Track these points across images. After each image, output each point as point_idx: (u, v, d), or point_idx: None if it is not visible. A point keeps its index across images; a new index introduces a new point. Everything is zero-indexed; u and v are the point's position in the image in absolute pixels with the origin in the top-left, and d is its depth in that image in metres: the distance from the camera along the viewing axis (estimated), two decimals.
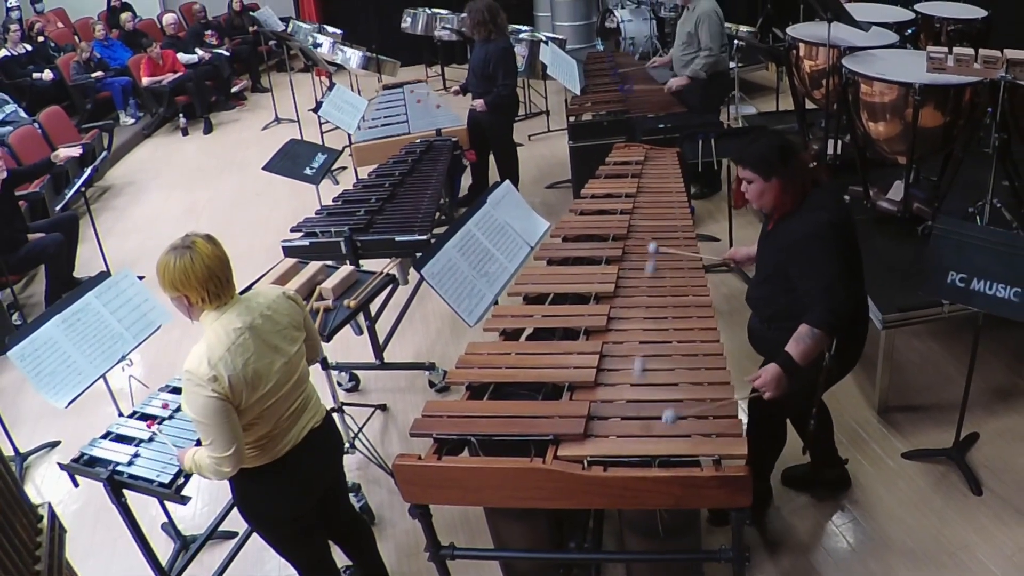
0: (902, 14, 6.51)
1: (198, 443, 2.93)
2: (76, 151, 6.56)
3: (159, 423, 3.50)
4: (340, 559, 3.55)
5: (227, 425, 2.72)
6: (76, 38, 12.14)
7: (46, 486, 4.79)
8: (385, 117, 7.50)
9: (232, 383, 2.70)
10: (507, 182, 4.55)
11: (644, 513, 3.05)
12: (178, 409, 3.55)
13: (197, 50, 11.82)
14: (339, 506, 3.45)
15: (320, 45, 10.24)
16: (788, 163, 3.23)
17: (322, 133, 9.18)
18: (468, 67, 7.13)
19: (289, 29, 11.36)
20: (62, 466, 3.39)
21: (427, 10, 11.40)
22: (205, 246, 2.75)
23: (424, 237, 4.78)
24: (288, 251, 4.80)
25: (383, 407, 5.12)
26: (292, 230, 5.01)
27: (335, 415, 4.25)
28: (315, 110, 7.39)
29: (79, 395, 3.61)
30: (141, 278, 4.12)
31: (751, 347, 3.73)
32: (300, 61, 12.31)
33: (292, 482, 3.04)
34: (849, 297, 3.19)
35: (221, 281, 2.78)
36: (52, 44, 11.70)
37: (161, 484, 3.19)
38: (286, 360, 2.93)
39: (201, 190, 9.22)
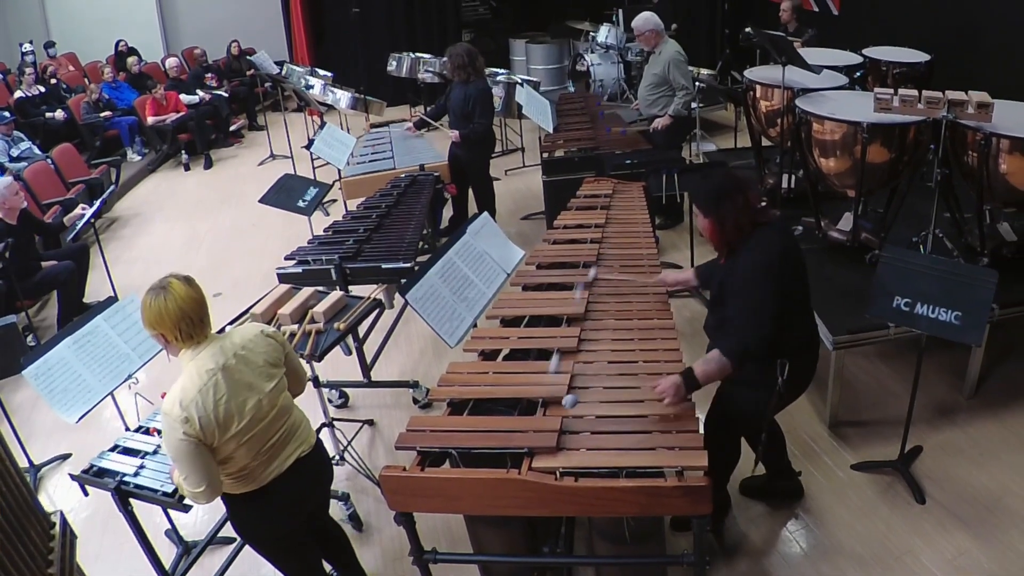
0: (851, 58, 6.64)
1: None
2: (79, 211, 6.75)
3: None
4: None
5: (199, 464, 2.70)
6: (86, 80, 12.16)
7: (58, 495, 4.76)
8: (372, 153, 7.52)
9: (203, 424, 2.67)
10: (485, 214, 4.58)
11: (612, 520, 3.09)
12: None
13: (198, 91, 11.83)
14: (322, 520, 3.43)
15: (312, 87, 10.26)
16: (720, 206, 3.22)
17: (314, 168, 9.19)
18: (448, 107, 7.17)
19: (283, 72, 11.38)
20: (73, 477, 3.38)
21: (411, 54, 11.45)
22: (180, 287, 2.72)
23: (408, 264, 4.79)
24: (282, 278, 4.80)
25: (370, 422, 5.12)
26: (286, 258, 5.01)
27: (325, 429, 4.29)
28: (307, 147, 7.38)
29: (89, 411, 3.63)
30: None
31: None
32: (293, 101, 12.35)
33: (279, 506, 3.00)
34: (772, 332, 3.10)
35: (194, 322, 2.75)
36: (64, 86, 11.71)
37: (165, 493, 3.20)
38: (261, 397, 2.86)
39: (202, 221, 9.18)
